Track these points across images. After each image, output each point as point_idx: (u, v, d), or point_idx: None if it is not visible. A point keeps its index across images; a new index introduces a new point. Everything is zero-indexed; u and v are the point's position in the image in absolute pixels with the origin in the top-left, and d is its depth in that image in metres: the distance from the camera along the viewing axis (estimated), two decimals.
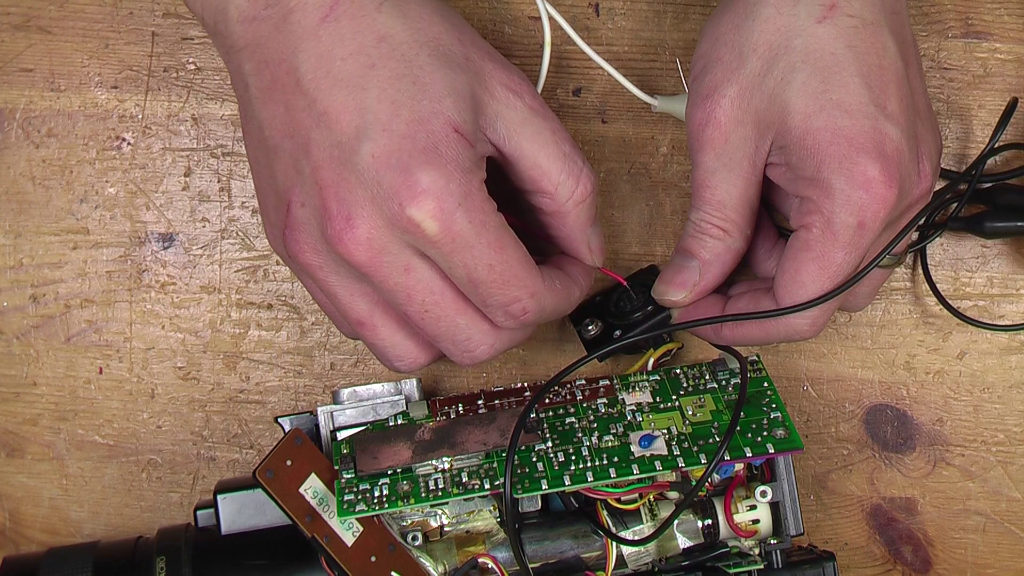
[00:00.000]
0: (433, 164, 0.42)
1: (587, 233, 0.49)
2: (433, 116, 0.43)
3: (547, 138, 0.46)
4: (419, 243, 0.43)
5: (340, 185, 0.43)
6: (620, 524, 0.49)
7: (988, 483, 0.57)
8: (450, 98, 0.43)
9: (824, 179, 0.45)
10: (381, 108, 0.42)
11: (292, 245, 0.45)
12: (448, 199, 0.42)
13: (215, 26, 0.45)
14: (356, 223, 0.43)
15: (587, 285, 0.50)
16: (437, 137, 0.42)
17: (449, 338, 0.46)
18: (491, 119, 0.45)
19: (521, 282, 0.45)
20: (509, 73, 0.46)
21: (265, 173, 0.46)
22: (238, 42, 0.45)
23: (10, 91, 0.54)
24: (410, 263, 0.44)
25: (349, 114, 0.43)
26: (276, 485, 0.47)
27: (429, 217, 0.42)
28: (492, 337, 0.46)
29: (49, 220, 0.55)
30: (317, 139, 0.43)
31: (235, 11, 0.44)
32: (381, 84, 0.43)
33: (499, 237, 0.44)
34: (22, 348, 0.55)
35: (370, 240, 0.43)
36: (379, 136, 0.42)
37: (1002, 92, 0.56)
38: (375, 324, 0.47)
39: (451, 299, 0.45)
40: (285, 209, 0.45)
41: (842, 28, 0.45)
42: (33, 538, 0.55)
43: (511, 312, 0.45)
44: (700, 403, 0.50)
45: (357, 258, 0.43)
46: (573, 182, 0.46)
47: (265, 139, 0.45)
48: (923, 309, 0.57)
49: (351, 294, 0.46)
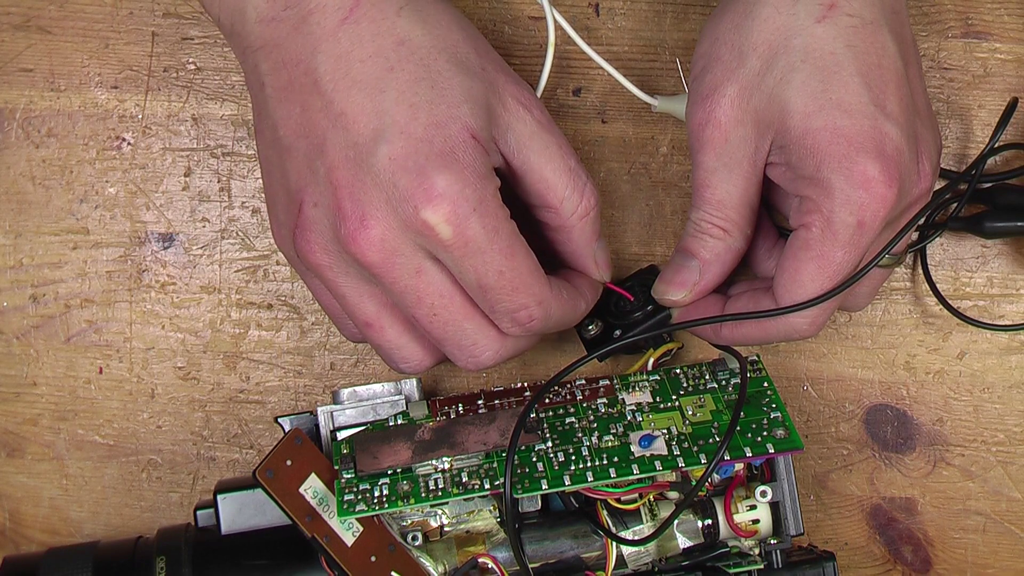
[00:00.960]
0: (450, 168, 0.42)
1: (593, 247, 0.49)
2: (451, 121, 0.43)
3: (554, 152, 0.46)
4: (432, 246, 0.43)
5: (355, 186, 0.43)
6: (620, 524, 0.49)
7: (988, 483, 0.57)
8: (467, 104, 0.43)
9: (824, 178, 0.45)
10: (399, 111, 0.43)
11: (302, 245, 0.45)
12: (463, 204, 0.42)
13: (232, 26, 0.46)
14: (370, 223, 0.43)
15: (594, 299, 0.50)
16: (454, 142, 0.43)
17: (455, 342, 0.46)
18: (503, 130, 0.45)
19: (530, 289, 0.45)
20: (520, 87, 0.46)
21: (277, 173, 0.46)
22: (255, 42, 0.45)
23: (10, 91, 0.54)
24: (421, 266, 0.44)
25: (366, 116, 0.43)
26: (276, 485, 0.47)
27: (443, 221, 0.42)
28: (498, 343, 0.47)
29: (49, 220, 0.55)
30: (333, 139, 0.43)
31: (253, 12, 0.44)
32: (399, 87, 0.43)
33: (511, 244, 0.44)
34: (22, 348, 0.55)
35: (383, 241, 0.43)
36: (396, 138, 0.42)
37: (1002, 92, 0.56)
38: (382, 326, 0.47)
39: (460, 303, 0.45)
40: (297, 209, 0.45)
41: (841, 27, 0.45)
42: (33, 538, 0.55)
43: (518, 319, 0.46)
44: (700, 403, 0.50)
45: (369, 258, 0.43)
46: (578, 196, 0.47)
47: (279, 138, 0.45)
48: (923, 309, 0.57)
49: (360, 295, 0.46)
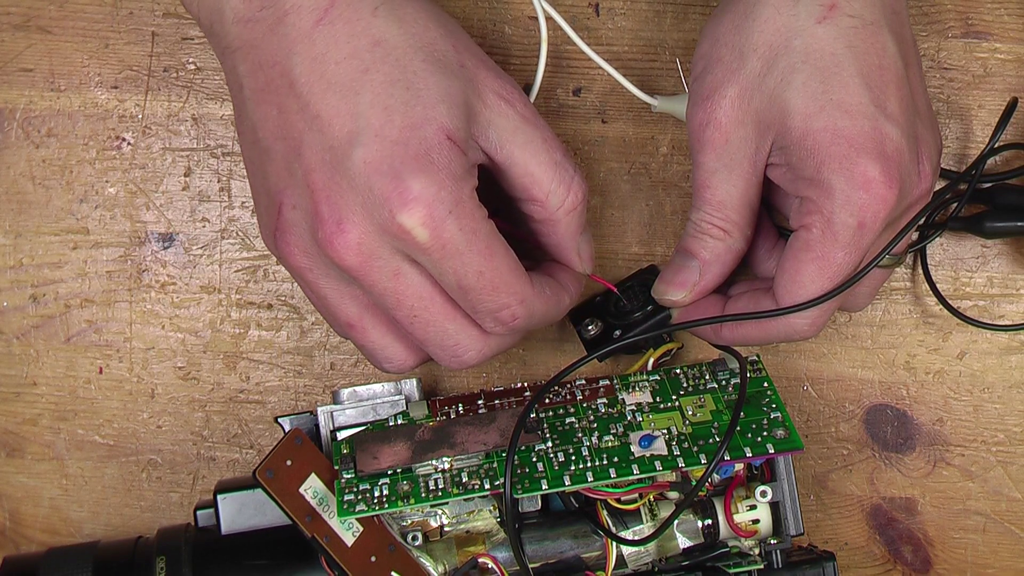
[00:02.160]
0: (425, 171, 0.42)
1: (577, 240, 0.49)
2: (426, 123, 0.42)
3: (538, 146, 0.46)
4: (409, 249, 0.43)
5: (331, 189, 0.43)
6: (620, 524, 0.49)
7: (988, 483, 0.57)
8: (443, 104, 0.43)
9: (824, 179, 0.45)
10: (374, 113, 0.42)
11: (283, 247, 0.45)
12: (439, 207, 0.42)
13: (211, 26, 0.45)
14: (346, 227, 0.43)
15: (577, 292, 0.50)
16: (429, 144, 0.42)
17: (437, 343, 0.46)
18: (483, 127, 0.45)
19: (511, 289, 0.45)
20: (502, 81, 0.46)
21: (258, 174, 0.46)
22: (233, 43, 0.45)
23: (10, 91, 0.54)
24: (400, 268, 0.44)
25: (342, 118, 0.42)
26: (276, 485, 0.47)
27: (419, 224, 0.42)
28: (480, 343, 0.47)
29: (49, 220, 0.55)
30: (309, 142, 0.43)
31: (231, 12, 0.44)
32: (374, 89, 0.43)
33: (489, 244, 0.44)
34: (22, 348, 0.55)
35: (360, 245, 0.43)
36: (371, 142, 0.42)
37: (1002, 92, 0.56)
38: (364, 327, 0.47)
39: (440, 305, 0.45)
40: (276, 211, 0.45)
41: (842, 28, 0.45)
42: (33, 538, 0.55)
43: (500, 318, 0.45)
44: (700, 403, 0.50)
45: (347, 262, 0.43)
46: (564, 190, 0.46)
47: (258, 140, 0.45)
48: (923, 309, 0.57)
49: (340, 297, 0.46)
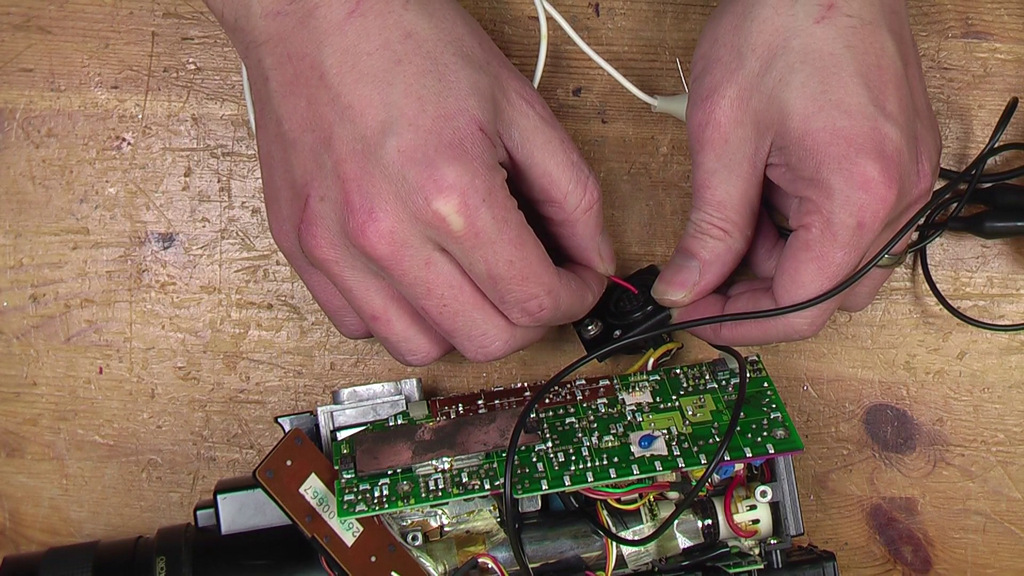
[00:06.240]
0: (459, 160, 0.43)
1: (597, 241, 0.49)
2: (459, 113, 0.43)
3: (557, 147, 0.47)
4: (441, 238, 0.43)
5: (363, 179, 0.43)
6: (620, 524, 0.49)
7: (988, 483, 0.57)
8: (474, 97, 0.44)
9: (823, 179, 0.45)
10: (407, 103, 0.43)
11: (308, 240, 0.45)
12: (473, 195, 0.43)
13: (236, 21, 0.46)
14: (379, 216, 0.43)
15: (599, 291, 0.51)
16: (463, 133, 0.43)
17: (465, 333, 0.46)
18: (507, 125, 0.46)
19: (539, 279, 0.45)
20: (522, 82, 0.47)
21: (281, 167, 0.46)
22: (260, 36, 0.45)
23: (10, 91, 0.54)
24: (431, 257, 0.44)
25: (374, 109, 0.43)
26: (276, 485, 0.47)
27: (455, 211, 0.43)
28: (507, 334, 0.47)
29: (49, 220, 0.55)
30: (340, 133, 0.43)
31: (258, 6, 0.44)
32: (407, 80, 0.43)
33: (520, 234, 0.44)
34: (22, 348, 0.55)
35: (392, 233, 0.43)
36: (405, 131, 0.43)
37: (1002, 92, 0.56)
38: (389, 318, 0.47)
39: (469, 294, 0.45)
40: (303, 203, 0.45)
41: (840, 28, 0.45)
42: (33, 538, 0.55)
43: (528, 309, 0.46)
44: (700, 403, 0.50)
45: (379, 251, 0.43)
46: (581, 190, 0.47)
47: (284, 132, 0.45)
48: (923, 309, 0.57)
49: (366, 289, 0.46)
